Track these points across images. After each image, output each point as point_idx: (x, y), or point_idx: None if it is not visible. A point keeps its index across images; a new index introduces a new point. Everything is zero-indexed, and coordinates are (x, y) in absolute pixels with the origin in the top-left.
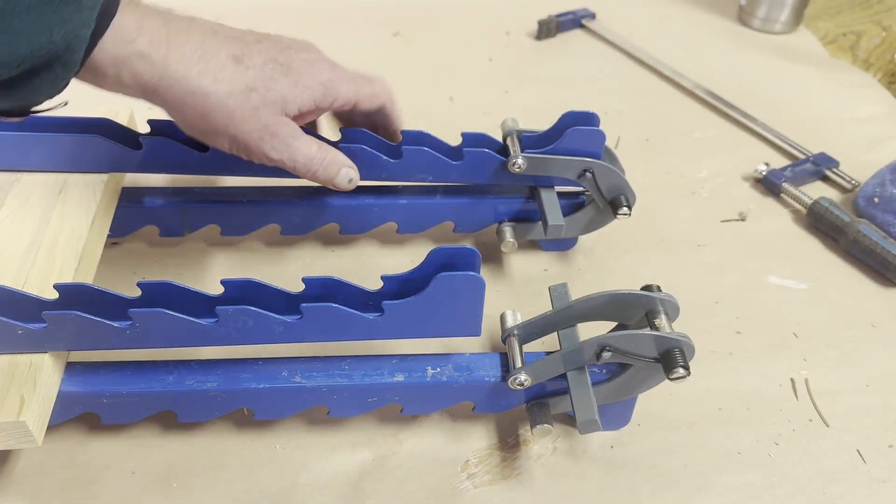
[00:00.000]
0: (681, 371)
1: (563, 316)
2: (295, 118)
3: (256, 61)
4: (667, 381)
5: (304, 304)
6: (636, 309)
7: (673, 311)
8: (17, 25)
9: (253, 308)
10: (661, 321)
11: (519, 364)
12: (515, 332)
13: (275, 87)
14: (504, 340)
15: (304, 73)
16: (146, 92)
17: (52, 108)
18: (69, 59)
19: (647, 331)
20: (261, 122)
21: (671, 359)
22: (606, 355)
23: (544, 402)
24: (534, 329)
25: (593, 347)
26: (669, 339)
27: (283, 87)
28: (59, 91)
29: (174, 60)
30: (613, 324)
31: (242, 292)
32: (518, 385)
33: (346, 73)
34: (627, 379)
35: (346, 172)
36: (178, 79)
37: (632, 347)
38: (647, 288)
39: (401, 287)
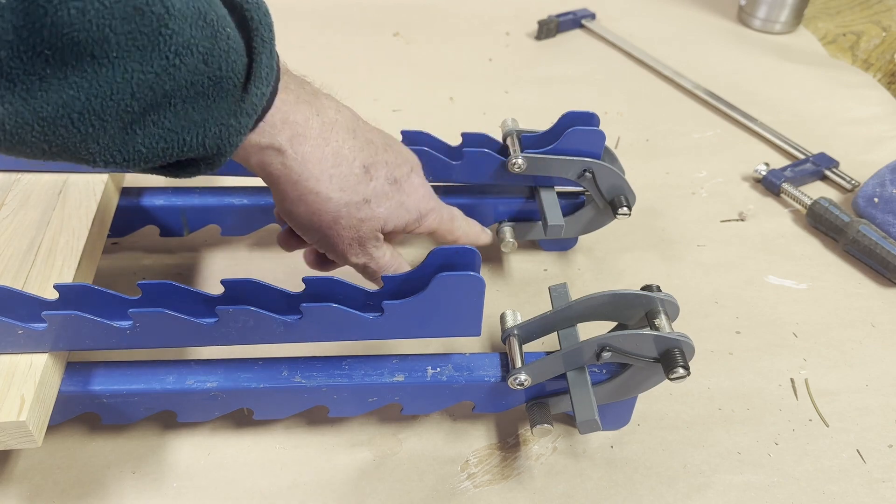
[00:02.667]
0: (681, 371)
1: (563, 316)
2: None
3: (380, 174)
4: (667, 380)
5: (304, 304)
6: (636, 309)
7: (673, 311)
8: (168, 121)
9: (253, 308)
10: (661, 321)
11: (519, 364)
12: (515, 332)
13: (384, 204)
14: (504, 340)
15: (411, 196)
16: (268, 178)
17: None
18: (216, 161)
19: (646, 331)
20: (359, 234)
21: (671, 359)
22: (606, 355)
23: (544, 402)
24: (534, 329)
25: (593, 347)
26: (669, 339)
27: (392, 205)
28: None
29: (312, 160)
30: (613, 324)
31: (242, 292)
32: (518, 385)
33: (439, 206)
34: (627, 379)
35: None
36: (308, 178)
37: (632, 347)
38: (647, 288)
39: (401, 287)
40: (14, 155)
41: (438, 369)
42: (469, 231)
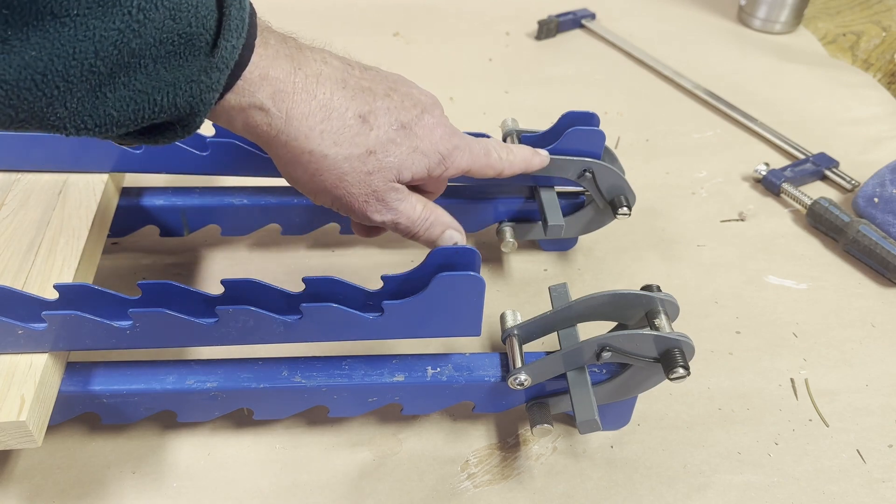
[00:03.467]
0: (681, 371)
1: (563, 316)
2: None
3: (380, 122)
4: (667, 380)
5: (304, 304)
6: (636, 309)
7: (673, 311)
8: (139, 82)
9: (253, 308)
10: (661, 321)
11: (519, 364)
12: (515, 332)
13: (394, 152)
14: (504, 340)
15: (425, 140)
16: (258, 140)
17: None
18: (191, 122)
19: (646, 331)
20: (371, 188)
21: (671, 359)
22: (606, 355)
23: (544, 402)
24: (534, 329)
25: (593, 347)
26: (669, 339)
27: (403, 152)
28: (175, 141)
29: (297, 117)
30: (613, 324)
31: (242, 292)
32: (518, 385)
33: (464, 142)
34: (627, 379)
35: (450, 235)
36: (296, 137)
37: (632, 347)
38: (647, 288)
39: (401, 287)
40: None
41: (438, 369)
42: (514, 160)
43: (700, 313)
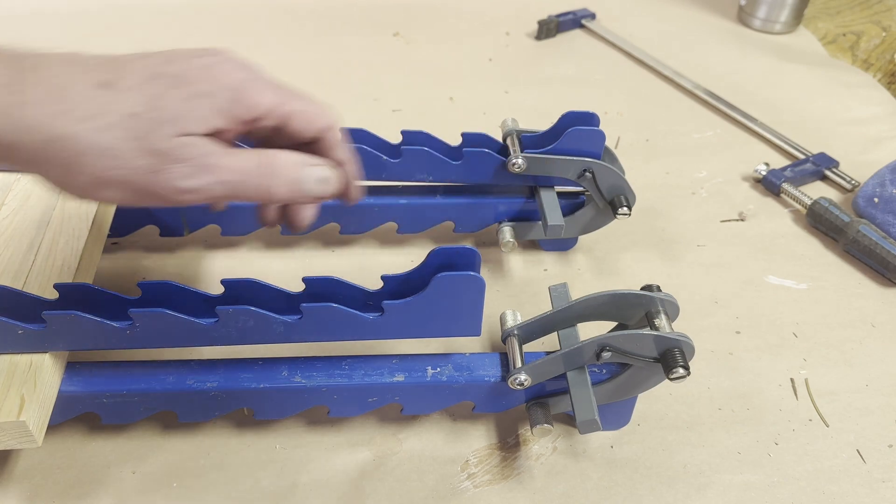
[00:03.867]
0: (681, 371)
1: (563, 316)
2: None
3: (133, 81)
4: (667, 380)
5: (304, 304)
6: (636, 309)
7: (673, 311)
8: None
9: (253, 308)
10: (661, 321)
11: (519, 364)
12: (515, 332)
13: (162, 105)
14: (504, 340)
15: (203, 81)
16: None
17: None
18: None
19: (646, 331)
20: (153, 151)
21: (671, 358)
22: (606, 355)
23: (544, 402)
24: (534, 329)
25: (593, 347)
26: (669, 339)
27: (174, 101)
28: None
29: (25, 104)
30: (613, 324)
31: (242, 292)
32: (518, 385)
33: (266, 78)
34: (627, 379)
35: (310, 171)
36: (32, 128)
37: (632, 347)
38: (647, 288)
39: (401, 287)
40: None
41: (438, 369)
42: (307, 109)
43: (700, 313)
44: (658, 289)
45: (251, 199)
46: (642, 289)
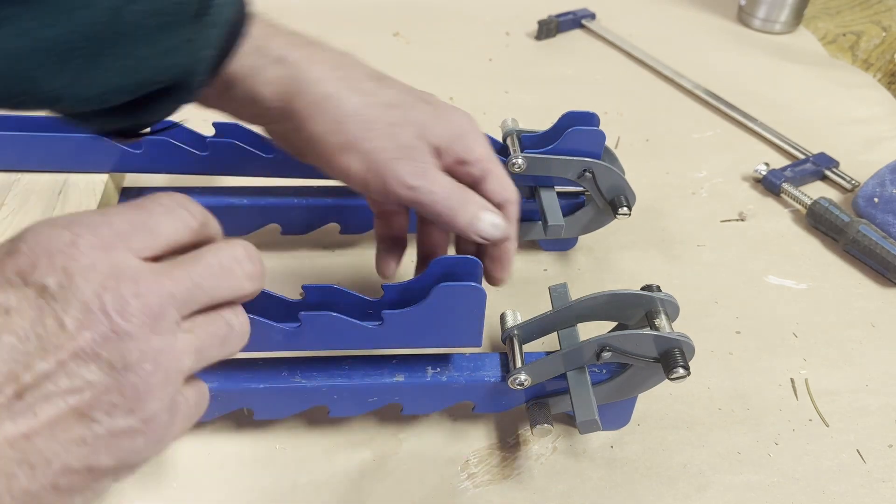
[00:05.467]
0: (681, 371)
1: (563, 316)
2: None
3: (394, 86)
4: (667, 380)
5: (302, 313)
6: (636, 309)
7: (673, 312)
8: (136, 50)
9: (251, 316)
10: (661, 321)
11: (519, 364)
12: (515, 332)
13: (416, 109)
14: (504, 340)
15: (444, 110)
16: (277, 100)
17: (164, 129)
18: (190, 82)
19: (646, 331)
20: (399, 141)
21: (671, 359)
22: (606, 355)
23: (544, 402)
24: (534, 329)
25: (593, 347)
26: (669, 339)
27: (425, 112)
28: (176, 111)
29: (313, 62)
30: (613, 324)
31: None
32: (518, 385)
33: (484, 135)
34: (627, 379)
35: (489, 217)
36: (314, 81)
37: (632, 347)
38: (647, 288)
39: (401, 296)
40: None
41: (438, 369)
42: (504, 176)
43: (700, 313)
44: (658, 289)
45: (438, 217)
46: (642, 289)
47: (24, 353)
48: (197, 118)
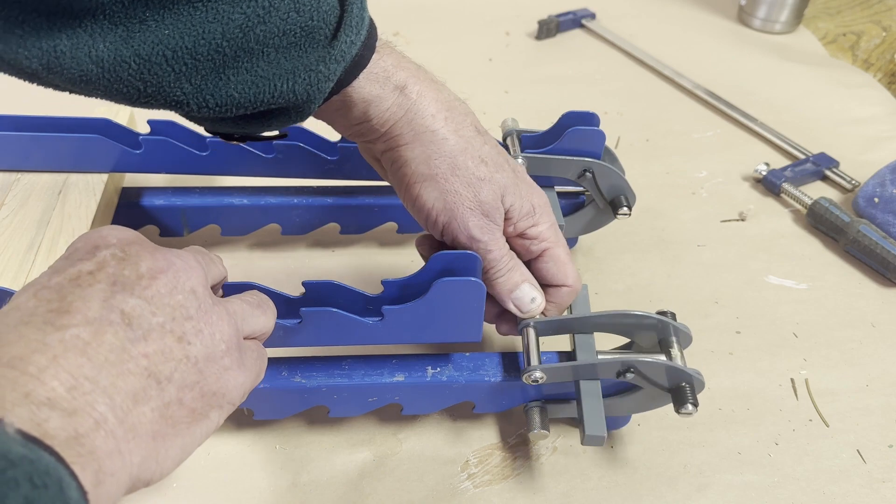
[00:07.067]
0: (690, 408)
1: (582, 323)
2: None
3: (491, 142)
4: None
5: (303, 308)
6: (650, 332)
7: (685, 342)
8: (261, 68)
9: None
10: (675, 351)
11: (535, 360)
12: (532, 323)
13: (502, 171)
14: (521, 331)
15: (527, 185)
16: (388, 124)
17: (273, 136)
18: (305, 108)
19: (666, 360)
20: (479, 196)
21: (682, 394)
22: (630, 376)
23: (542, 406)
24: (551, 326)
25: (618, 366)
26: (684, 373)
27: (509, 178)
28: (286, 127)
29: (427, 98)
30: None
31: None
32: (532, 381)
33: (554, 215)
34: (633, 399)
35: (528, 289)
36: (427, 115)
37: (652, 373)
38: (662, 313)
39: (401, 292)
40: (110, 97)
41: (438, 369)
42: (568, 264)
43: (700, 313)
44: (673, 317)
45: (484, 273)
46: (658, 314)
47: (119, 289)
48: None
